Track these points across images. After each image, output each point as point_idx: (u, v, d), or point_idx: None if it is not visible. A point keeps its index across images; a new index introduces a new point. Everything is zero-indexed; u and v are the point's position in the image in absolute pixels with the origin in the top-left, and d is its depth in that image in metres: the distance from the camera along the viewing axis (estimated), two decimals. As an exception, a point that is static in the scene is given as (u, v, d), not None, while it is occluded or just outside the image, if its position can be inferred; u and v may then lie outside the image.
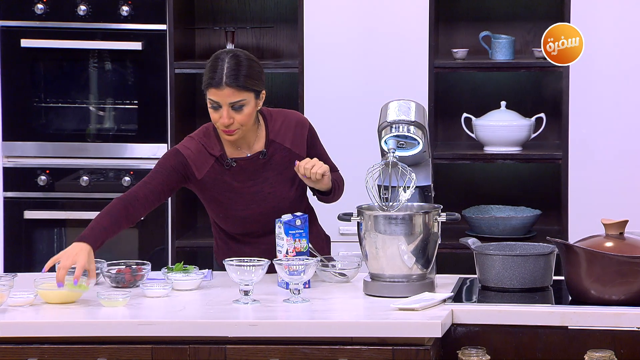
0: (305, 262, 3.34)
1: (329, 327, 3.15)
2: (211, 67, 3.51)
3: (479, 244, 3.51)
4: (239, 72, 3.48)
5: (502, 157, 4.94)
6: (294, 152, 3.62)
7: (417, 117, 3.55)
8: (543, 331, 3.23)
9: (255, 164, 3.60)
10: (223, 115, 3.50)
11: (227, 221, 3.64)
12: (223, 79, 3.47)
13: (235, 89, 3.48)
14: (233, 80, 3.47)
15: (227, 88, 3.48)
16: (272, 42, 5.28)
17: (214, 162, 3.59)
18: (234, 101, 3.49)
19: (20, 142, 5.04)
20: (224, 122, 3.50)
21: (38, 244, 5.08)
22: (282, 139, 3.62)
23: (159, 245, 5.02)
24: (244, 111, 3.51)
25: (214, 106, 3.52)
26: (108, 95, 5.06)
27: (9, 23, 5.00)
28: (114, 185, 5.03)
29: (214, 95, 3.50)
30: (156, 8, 4.97)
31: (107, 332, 3.16)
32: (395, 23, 4.86)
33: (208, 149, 3.59)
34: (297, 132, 3.64)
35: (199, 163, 3.58)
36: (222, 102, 3.50)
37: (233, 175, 3.59)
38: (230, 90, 3.48)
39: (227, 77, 3.47)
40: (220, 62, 3.50)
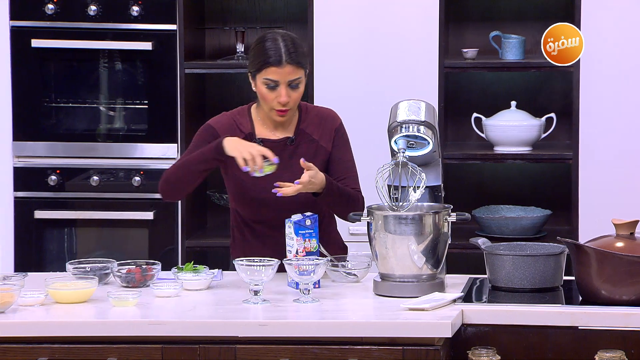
0: (315, 262, 3.34)
1: (339, 327, 3.15)
2: (266, 47, 3.55)
3: (489, 244, 3.51)
4: (296, 50, 3.56)
5: (512, 157, 4.93)
6: (320, 145, 3.66)
7: (427, 117, 3.54)
8: (553, 331, 3.22)
9: (282, 148, 3.63)
10: (282, 94, 3.55)
11: (245, 203, 3.65)
12: (283, 57, 3.54)
13: (295, 66, 3.55)
14: (293, 58, 3.54)
15: (287, 66, 3.54)
16: (282, 42, 5.27)
17: (242, 138, 3.61)
18: (294, 78, 3.56)
19: (31, 142, 5.05)
20: (283, 100, 3.55)
21: (48, 243, 5.09)
22: (311, 130, 3.67)
23: (169, 245, 5.03)
24: (300, 89, 3.58)
25: (271, 85, 3.56)
26: (118, 96, 5.07)
27: (20, 23, 5.01)
28: (124, 185, 5.03)
29: (274, 74, 3.54)
30: (166, 8, 4.97)
31: (118, 331, 3.16)
32: (405, 23, 4.86)
33: (239, 125, 3.64)
34: (326, 126, 3.68)
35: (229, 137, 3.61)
36: (281, 80, 3.55)
37: None
38: (291, 67, 3.54)
39: (286, 55, 3.54)
40: (275, 42, 3.55)
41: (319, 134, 3.67)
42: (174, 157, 5.01)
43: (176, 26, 4.97)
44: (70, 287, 3.36)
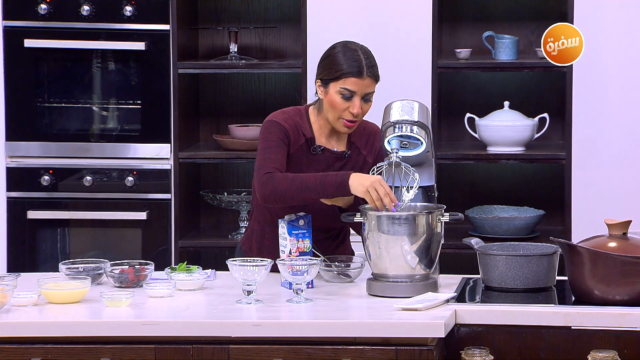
0: (308, 262, 3.34)
1: (333, 327, 3.15)
2: (346, 57, 3.55)
3: (482, 244, 3.51)
4: (374, 63, 3.59)
5: (506, 157, 4.93)
6: (367, 160, 3.67)
7: (421, 117, 3.55)
8: (546, 331, 3.23)
9: (336, 160, 3.64)
10: (356, 105, 3.55)
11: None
12: (364, 70, 3.55)
13: (374, 79, 3.58)
14: (373, 71, 3.57)
15: (368, 79, 3.56)
16: (275, 42, 5.28)
17: (303, 142, 3.62)
18: (369, 92, 3.58)
19: (24, 142, 5.04)
20: (357, 111, 3.56)
21: (41, 243, 5.08)
22: (360, 144, 3.68)
23: (162, 245, 5.02)
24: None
25: (347, 96, 3.56)
26: (111, 96, 5.07)
27: (13, 23, 5.00)
28: (117, 185, 5.03)
29: (353, 85, 3.55)
30: (159, 8, 4.97)
31: (111, 332, 3.16)
32: (398, 23, 4.86)
33: (301, 128, 3.63)
34: (373, 142, 3.69)
35: (294, 139, 3.61)
36: (358, 92, 3.56)
37: (315, 162, 3.62)
38: (370, 80, 3.57)
39: (367, 68, 3.56)
40: (355, 53, 3.57)
41: (367, 149, 3.69)
42: (167, 157, 5.00)
43: (169, 26, 4.97)
44: (63, 287, 3.35)
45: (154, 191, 5.03)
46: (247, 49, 5.22)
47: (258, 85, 5.28)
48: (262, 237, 3.68)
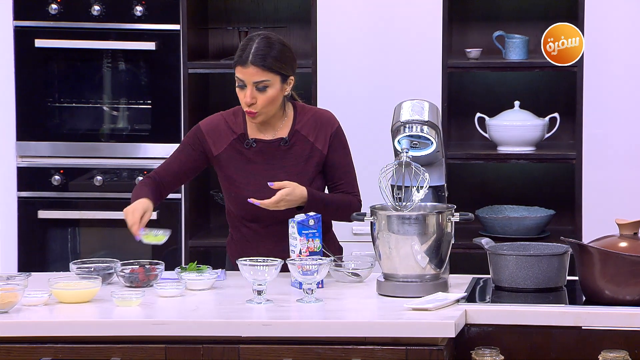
0: (318, 262, 3.34)
1: (343, 327, 3.15)
2: (242, 46, 3.59)
3: (493, 244, 3.51)
4: (267, 53, 3.55)
5: (516, 157, 4.93)
6: (315, 147, 3.65)
7: (431, 117, 3.54)
8: (557, 331, 3.22)
9: (275, 148, 3.63)
10: (247, 94, 3.57)
11: (238, 202, 3.65)
12: (249, 58, 3.54)
13: (261, 68, 3.54)
14: (259, 60, 3.54)
15: (251, 67, 3.54)
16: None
17: (233, 139, 3.63)
18: (258, 80, 3.55)
19: (34, 142, 5.05)
20: (246, 100, 3.57)
21: (52, 243, 5.09)
22: (306, 132, 3.66)
23: (172, 245, 5.03)
24: (268, 92, 3.56)
25: (240, 85, 3.59)
26: (121, 95, 5.07)
27: (23, 23, 5.01)
28: (127, 185, 5.03)
29: (240, 73, 3.57)
30: (170, 8, 4.98)
31: (121, 331, 3.16)
32: (408, 23, 4.86)
33: (231, 125, 3.65)
34: (323, 128, 3.67)
35: (218, 139, 3.63)
36: (246, 81, 3.56)
37: (251, 156, 3.63)
38: (255, 69, 3.54)
39: (253, 56, 3.54)
40: (250, 42, 3.58)
41: (314, 135, 3.65)
42: (178, 157, 5.00)
43: (179, 26, 4.97)
44: (74, 287, 3.36)
45: (164, 191, 5.03)
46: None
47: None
48: (239, 239, 3.70)
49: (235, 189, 3.64)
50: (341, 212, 3.64)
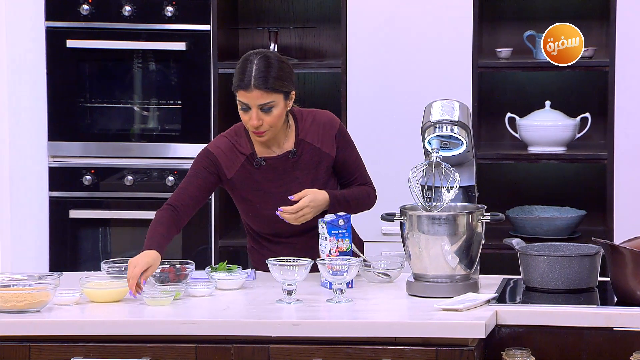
0: (348, 262, 3.34)
1: (372, 327, 3.14)
2: (240, 68, 3.53)
3: (523, 245, 3.49)
4: (268, 74, 3.50)
5: (547, 157, 4.90)
6: (323, 152, 3.64)
7: (461, 117, 3.53)
8: (588, 332, 3.20)
9: (284, 163, 3.62)
10: (252, 117, 3.52)
11: (257, 221, 3.65)
12: (252, 81, 3.50)
13: (264, 91, 3.50)
14: (262, 83, 3.49)
15: (255, 90, 3.50)
16: (315, 42, 5.28)
17: (244, 160, 3.61)
18: (263, 103, 3.51)
19: (66, 142, 5.08)
20: (253, 123, 3.53)
21: (83, 243, 5.12)
22: (311, 138, 3.64)
23: (202, 245, 5.04)
24: (273, 112, 3.53)
25: (244, 108, 3.54)
26: (152, 96, 5.09)
27: (55, 24, 5.04)
28: (157, 185, 5.05)
29: (243, 97, 3.52)
30: (200, 9, 4.99)
31: (152, 331, 3.17)
32: (438, 22, 4.85)
33: (238, 147, 3.62)
34: (326, 132, 3.65)
35: (229, 162, 3.61)
36: (251, 104, 3.52)
37: (263, 174, 3.61)
38: (259, 92, 3.50)
39: (255, 80, 3.49)
40: (249, 64, 3.52)
41: (319, 141, 3.64)
42: (208, 157, 5.02)
43: (210, 26, 4.99)
44: (105, 286, 3.38)
45: (194, 191, 5.04)
46: (287, 48, 5.23)
47: (298, 85, 5.27)
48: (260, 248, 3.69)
49: (253, 209, 3.64)
50: (362, 203, 3.67)
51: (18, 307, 3.22)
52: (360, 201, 3.66)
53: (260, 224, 3.65)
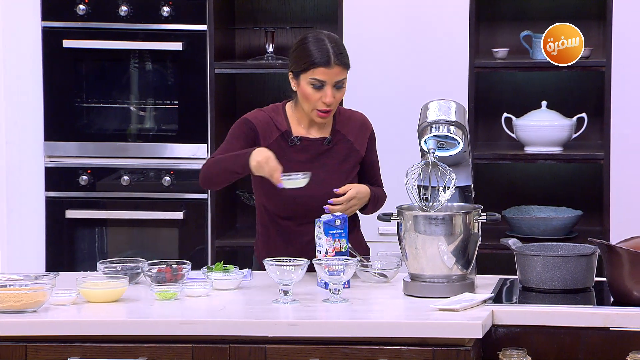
0: (344, 262, 3.34)
1: (369, 327, 3.15)
2: (314, 47, 3.59)
3: (520, 245, 3.50)
4: (342, 51, 3.61)
5: (543, 157, 4.91)
6: (355, 148, 3.71)
7: (458, 117, 3.53)
8: (585, 332, 3.20)
9: (318, 147, 3.67)
10: (328, 94, 3.59)
11: (275, 198, 3.65)
12: (332, 58, 3.58)
13: (343, 67, 3.60)
14: (341, 59, 3.60)
15: (336, 67, 3.59)
16: (312, 42, 5.27)
17: (278, 135, 3.66)
18: (340, 79, 3.61)
19: (62, 142, 5.08)
20: (329, 100, 3.60)
21: (79, 243, 5.12)
22: (346, 132, 3.71)
23: (199, 245, 5.04)
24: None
25: (317, 86, 3.60)
26: (149, 96, 5.09)
27: (51, 24, 5.04)
28: (154, 185, 5.05)
29: (322, 74, 3.58)
30: (197, 9, 4.99)
31: (149, 331, 3.17)
32: (435, 22, 4.85)
33: (275, 122, 3.67)
34: (361, 131, 3.74)
35: (266, 133, 3.66)
36: (329, 81, 3.59)
37: (294, 153, 3.66)
38: (339, 68, 3.59)
39: (335, 56, 3.58)
40: (322, 43, 3.59)
41: (354, 136, 3.72)
42: (204, 157, 5.02)
43: (206, 26, 4.98)
44: (101, 286, 3.37)
45: (190, 191, 5.05)
46: (283, 49, 5.22)
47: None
48: (267, 238, 3.70)
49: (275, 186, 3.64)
50: (380, 204, 3.75)
51: (15, 307, 3.22)
52: (380, 202, 3.76)
53: (278, 204, 3.66)
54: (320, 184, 3.63)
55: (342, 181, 3.66)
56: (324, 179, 3.63)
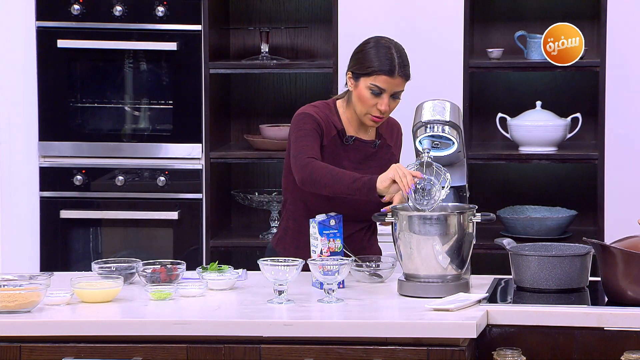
0: (339, 262, 3.34)
1: (364, 327, 3.15)
2: (380, 53, 3.60)
3: (514, 245, 3.50)
4: (407, 64, 3.63)
5: (538, 157, 4.91)
6: (392, 151, 3.76)
7: (452, 117, 3.54)
8: (579, 332, 3.21)
9: (368, 149, 3.71)
10: (384, 102, 3.60)
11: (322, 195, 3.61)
12: (396, 69, 3.59)
13: (405, 79, 3.62)
14: (405, 72, 3.62)
15: (399, 78, 3.60)
16: (307, 42, 5.28)
17: (335, 134, 3.67)
18: (399, 90, 3.63)
19: (57, 142, 5.07)
20: (385, 108, 3.61)
21: (74, 243, 5.11)
22: (387, 136, 3.75)
23: (193, 245, 5.04)
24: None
25: (376, 92, 3.61)
26: (143, 96, 5.09)
27: (46, 24, 5.03)
28: (149, 185, 5.05)
29: (384, 83, 3.59)
30: (191, 8, 4.99)
31: (143, 331, 3.17)
32: (430, 23, 4.85)
33: (331, 120, 3.68)
34: (396, 134, 3.78)
35: (325, 130, 3.67)
36: (388, 90, 3.60)
37: (347, 152, 3.67)
38: (401, 80, 3.61)
39: (400, 68, 3.60)
40: (389, 51, 3.61)
41: (393, 141, 3.77)
42: (199, 157, 5.02)
43: (201, 26, 4.98)
44: (96, 286, 3.37)
45: (185, 191, 5.04)
46: (278, 49, 5.23)
47: (289, 85, 5.28)
48: (299, 233, 3.69)
49: None
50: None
51: (9, 307, 3.22)
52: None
53: (319, 200, 3.63)
54: None
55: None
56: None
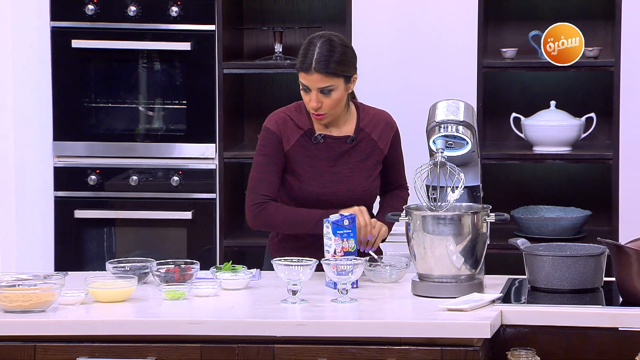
0: (353, 262, 3.34)
1: (377, 327, 3.14)
2: (303, 50, 3.60)
3: (528, 245, 3.49)
4: (329, 58, 3.57)
5: (552, 157, 4.90)
6: (378, 146, 3.71)
7: (466, 117, 3.53)
8: (593, 332, 3.20)
9: (341, 145, 3.69)
10: (312, 99, 3.60)
11: (301, 196, 3.67)
12: (312, 65, 3.56)
13: (324, 74, 3.57)
14: (322, 67, 3.56)
15: (315, 74, 3.57)
16: (320, 42, 5.27)
17: (300, 135, 3.67)
18: (323, 86, 3.58)
19: (71, 142, 5.09)
20: (312, 105, 3.61)
21: (88, 243, 5.13)
22: (370, 130, 3.72)
23: (207, 245, 5.04)
24: (332, 96, 3.60)
25: (304, 88, 3.62)
26: (157, 96, 5.10)
27: (60, 24, 5.05)
28: (162, 185, 5.06)
29: (304, 79, 3.60)
30: (205, 9, 4.99)
31: (157, 330, 3.17)
32: (443, 22, 4.85)
33: (297, 122, 3.68)
34: (385, 130, 3.74)
35: (287, 135, 3.67)
36: (311, 87, 3.59)
37: (318, 151, 3.67)
38: (319, 76, 3.57)
39: (316, 63, 3.56)
40: (312, 47, 3.59)
41: (377, 134, 3.72)
42: (212, 156, 5.03)
43: (215, 26, 4.99)
44: (110, 286, 3.38)
45: (199, 191, 5.05)
46: (292, 49, 5.23)
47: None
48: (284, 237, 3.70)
49: (298, 183, 3.67)
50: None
51: (23, 307, 3.23)
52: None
53: (302, 199, 3.67)
54: (343, 181, 3.66)
55: (365, 179, 3.68)
56: (347, 177, 3.66)
